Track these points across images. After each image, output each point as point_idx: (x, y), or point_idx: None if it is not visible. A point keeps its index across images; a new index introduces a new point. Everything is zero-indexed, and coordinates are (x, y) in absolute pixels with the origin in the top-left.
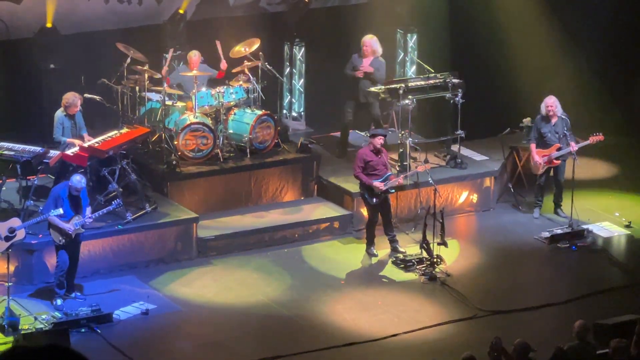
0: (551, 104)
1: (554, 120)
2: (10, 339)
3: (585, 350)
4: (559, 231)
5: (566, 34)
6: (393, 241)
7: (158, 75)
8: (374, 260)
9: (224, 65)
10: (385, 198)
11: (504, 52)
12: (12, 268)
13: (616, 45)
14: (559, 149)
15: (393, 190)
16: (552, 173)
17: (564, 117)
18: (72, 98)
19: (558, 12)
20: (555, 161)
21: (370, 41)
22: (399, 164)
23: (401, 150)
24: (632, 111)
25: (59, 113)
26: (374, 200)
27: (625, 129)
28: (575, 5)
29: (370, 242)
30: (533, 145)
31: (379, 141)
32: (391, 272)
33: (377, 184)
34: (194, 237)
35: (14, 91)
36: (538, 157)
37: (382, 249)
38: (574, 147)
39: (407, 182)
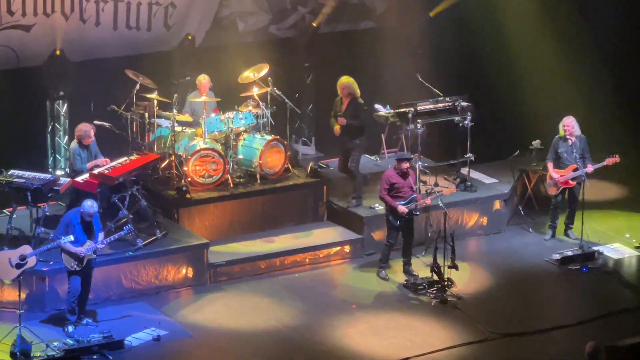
0: (568, 123)
1: (571, 141)
2: None
3: None
4: (570, 253)
5: (577, 55)
6: (407, 264)
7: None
8: (385, 283)
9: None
10: (408, 220)
11: (512, 75)
12: (23, 295)
13: (627, 67)
14: (575, 170)
15: (418, 213)
16: (566, 194)
17: (581, 137)
18: (85, 129)
19: (567, 33)
20: (570, 182)
21: (347, 84)
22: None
23: None
24: None
25: (74, 145)
26: (397, 222)
27: (636, 150)
28: (584, 26)
29: (383, 264)
30: (550, 165)
31: (404, 165)
32: (402, 295)
33: (401, 207)
34: (205, 262)
35: (25, 119)
36: (554, 175)
37: (393, 272)
38: (590, 169)
39: (435, 203)
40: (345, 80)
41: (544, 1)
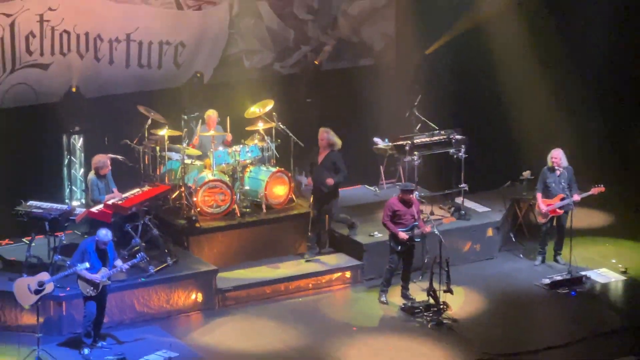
0: (556, 155)
1: (558, 172)
2: None
3: None
4: (559, 278)
5: (563, 90)
6: (405, 288)
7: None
8: (385, 307)
9: (229, 137)
10: (409, 247)
11: (503, 109)
12: (41, 319)
13: (612, 101)
14: (562, 199)
15: (418, 239)
16: (554, 222)
17: (568, 168)
18: (102, 160)
19: (556, 66)
20: (558, 210)
21: (326, 135)
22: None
23: None
24: (628, 161)
25: (92, 176)
26: (399, 247)
27: (621, 178)
28: (571, 61)
29: (385, 287)
30: (539, 195)
31: (407, 195)
32: (400, 318)
33: (402, 234)
34: (214, 288)
35: (42, 152)
36: (543, 205)
37: (391, 296)
38: (577, 198)
39: (433, 231)
40: (324, 131)
41: (532, 37)
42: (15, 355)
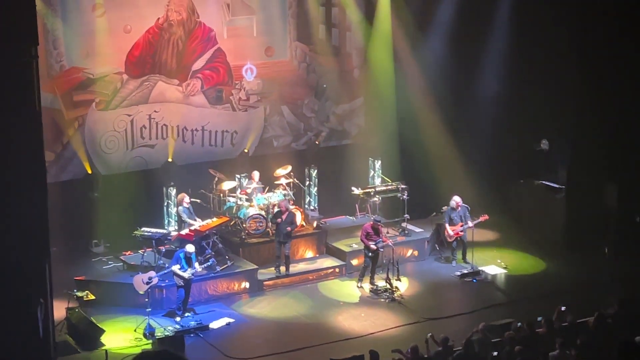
0: (457, 201)
1: (458, 210)
2: (149, 341)
3: (485, 340)
4: (465, 271)
5: (456, 147)
6: (372, 278)
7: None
8: (360, 290)
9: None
10: (376, 254)
11: (429, 166)
12: (150, 300)
13: (497, 160)
14: (462, 226)
15: (382, 249)
16: (458, 240)
17: (464, 206)
18: (183, 196)
19: (449, 134)
20: (460, 233)
21: (282, 203)
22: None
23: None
24: (509, 200)
25: (181, 208)
26: (370, 254)
27: (505, 210)
28: (465, 132)
29: (360, 278)
30: (447, 224)
31: (376, 225)
32: (370, 296)
33: (372, 246)
34: (256, 279)
35: (151, 198)
36: (450, 231)
37: (364, 283)
38: (471, 224)
39: (390, 244)
40: (282, 200)
41: (442, 126)
42: (134, 322)
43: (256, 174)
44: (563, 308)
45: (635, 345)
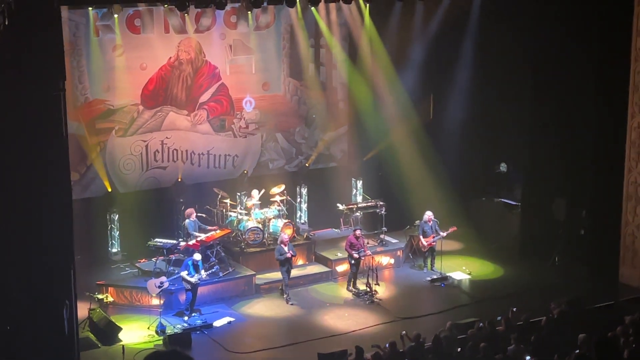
0: (429, 215)
1: (430, 223)
2: (161, 338)
3: (452, 336)
4: (435, 277)
5: (425, 166)
6: (355, 283)
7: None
8: (346, 292)
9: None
10: (358, 262)
11: (404, 184)
12: (162, 301)
13: (464, 178)
14: (433, 238)
15: (363, 257)
16: (430, 249)
17: (435, 220)
18: (191, 211)
19: (428, 153)
20: (432, 243)
21: (283, 236)
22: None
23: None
24: (472, 215)
25: (188, 221)
26: (353, 261)
27: (468, 222)
28: (431, 140)
29: (349, 283)
30: (421, 236)
31: (357, 233)
32: (352, 298)
33: (355, 255)
34: (254, 283)
35: (163, 212)
36: (424, 242)
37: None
38: (443, 234)
39: (369, 253)
40: (283, 236)
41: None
42: (147, 321)
43: (256, 192)
44: (514, 309)
45: (607, 341)
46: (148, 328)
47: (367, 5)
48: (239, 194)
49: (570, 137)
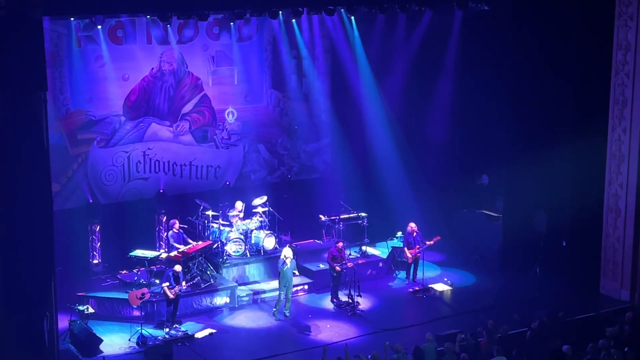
0: (413, 226)
1: (414, 234)
2: (142, 349)
3: (431, 348)
4: (417, 288)
5: (414, 184)
6: (337, 294)
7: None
8: (328, 303)
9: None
10: (340, 274)
11: (386, 197)
12: (143, 313)
13: (445, 189)
14: (418, 249)
15: (345, 270)
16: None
17: (418, 233)
18: (175, 222)
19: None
20: (418, 254)
21: (287, 252)
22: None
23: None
24: (454, 224)
25: (171, 232)
26: (335, 274)
27: (450, 233)
28: (414, 153)
29: (332, 295)
30: (405, 248)
31: (339, 245)
32: (335, 310)
33: (337, 267)
34: (235, 294)
35: (144, 223)
36: (409, 253)
37: (328, 298)
38: (430, 242)
39: (351, 265)
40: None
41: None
42: (129, 332)
43: (240, 203)
44: (491, 321)
45: (563, 354)
46: (129, 339)
47: (352, 17)
48: (221, 205)
49: (551, 149)
